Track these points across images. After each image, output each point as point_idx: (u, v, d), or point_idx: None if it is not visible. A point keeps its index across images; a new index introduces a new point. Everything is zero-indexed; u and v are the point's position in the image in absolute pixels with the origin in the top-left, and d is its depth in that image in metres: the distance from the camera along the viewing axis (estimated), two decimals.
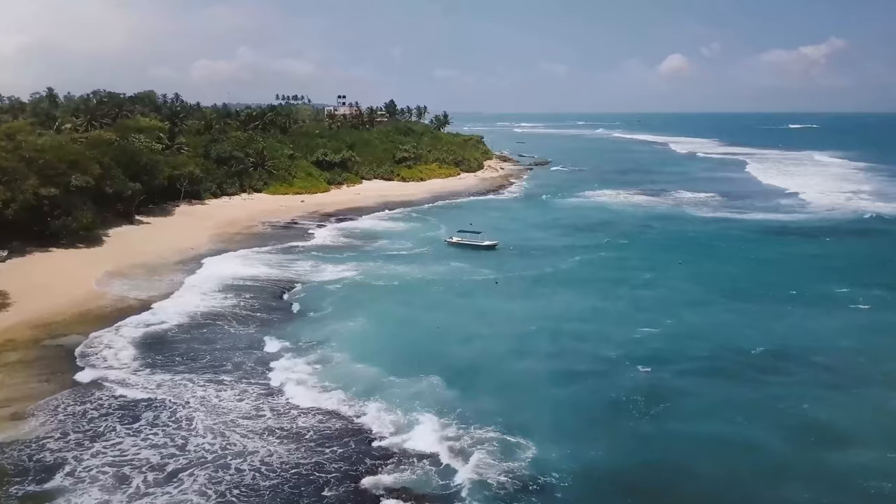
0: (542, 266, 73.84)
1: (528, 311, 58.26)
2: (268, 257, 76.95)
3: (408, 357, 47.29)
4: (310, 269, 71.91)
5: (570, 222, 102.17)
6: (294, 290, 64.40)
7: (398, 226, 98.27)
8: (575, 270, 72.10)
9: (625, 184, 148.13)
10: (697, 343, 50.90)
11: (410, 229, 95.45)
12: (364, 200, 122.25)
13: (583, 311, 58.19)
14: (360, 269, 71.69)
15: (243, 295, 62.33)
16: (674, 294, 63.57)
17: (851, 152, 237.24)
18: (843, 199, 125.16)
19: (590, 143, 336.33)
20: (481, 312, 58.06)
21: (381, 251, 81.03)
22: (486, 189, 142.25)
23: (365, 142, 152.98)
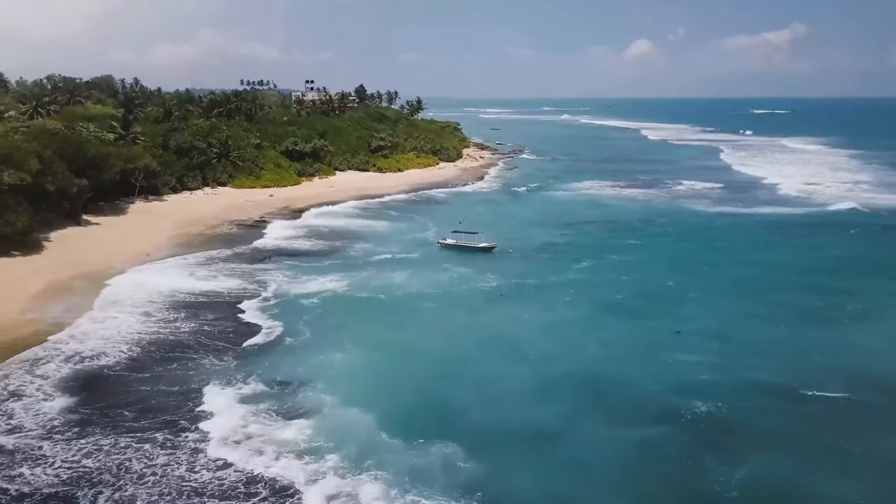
0: (548, 273, 65.37)
1: (547, 334, 49.62)
2: (233, 266, 67.17)
3: (409, 407, 38.18)
4: (283, 279, 62.53)
5: (567, 218, 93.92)
6: (264, 306, 55.02)
7: (380, 224, 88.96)
8: (587, 279, 63.70)
9: (610, 174, 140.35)
10: (761, 375, 42.84)
11: (395, 229, 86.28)
12: (339, 194, 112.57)
13: (611, 336, 49.57)
14: (343, 279, 62.50)
15: (202, 315, 52.77)
16: (709, 308, 55.61)
17: (832, 138, 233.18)
18: (844, 190, 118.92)
19: (563, 129, 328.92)
20: (492, 337, 49.19)
21: (365, 256, 71.82)
22: (468, 181, 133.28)
23: (337, 129, 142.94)
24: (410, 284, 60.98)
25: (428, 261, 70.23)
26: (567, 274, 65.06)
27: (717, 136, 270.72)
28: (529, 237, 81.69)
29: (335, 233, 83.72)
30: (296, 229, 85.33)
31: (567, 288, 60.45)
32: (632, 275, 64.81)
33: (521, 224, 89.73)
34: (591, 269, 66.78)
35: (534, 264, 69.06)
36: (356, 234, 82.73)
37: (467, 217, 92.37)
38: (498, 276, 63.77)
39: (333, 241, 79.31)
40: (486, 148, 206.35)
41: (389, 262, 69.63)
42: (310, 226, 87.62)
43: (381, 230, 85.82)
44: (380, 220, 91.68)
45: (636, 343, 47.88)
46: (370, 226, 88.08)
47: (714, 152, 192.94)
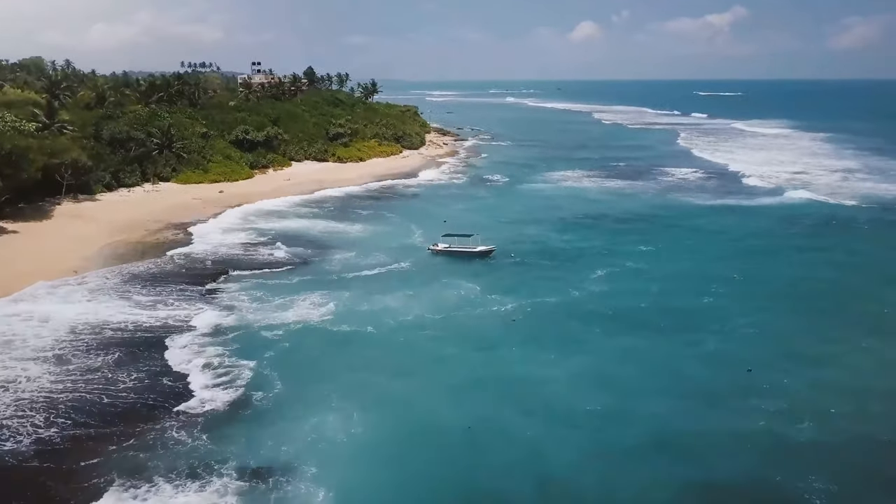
0: (563, 287, 55.51)
1: (587, 382, 39.54)
2: (180, 286, 55.48)
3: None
4: (244, 304, 51.38)
5: (557, 215, 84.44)
6: (221, 345, 43.91)
7: (355, 228, 77.66)
8: (612, 295, 53.97)
9: (583, 163, 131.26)
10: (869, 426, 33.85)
11: (374, 233, 75.27)
12: (299, 189, 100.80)
13: (667, 380, 39.83)
14: (320, 303, 51.59)
15: (139, 359, 41.50)
16: (767, 331, 46.66)
17: (795, 121, 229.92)
18: (839, 178, 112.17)
19: (518, 113, 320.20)
20: (519, 389, 38.65)
21: (344, 270, 60.85)
22: (436, 170, 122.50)
23: (292, 115, 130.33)
24: (405, 310, 50.30)
25: (421, 274, 59.66)
26: (585, 288, 55.31)
27: (675, 119, 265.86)
28: (526, 239, 71.81)
29: (303, 238, 72.36)
30: (255, 234, 73.64)
31: (592, 309, 50.69)
32: (661, 288, 55.50)
33: (511, 223, 79.73)
34: (610, 281, 57.20)
35: (542, 274, 59.20)
36: (329, 240, 71.60)
37: (450, 216, 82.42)
38: (506, 293, 53.68)
39: (303, 248, 68.02)
40: (446, 133, 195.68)
41: (375, 277, 58.86)
42: (271, 229, 75.94)
43: (358, 234, 74.77)
44: (354, 222, 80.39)
45: (704, 391, 38.28)
46: (344, 230, 76.80)
47: (679, 137, 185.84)
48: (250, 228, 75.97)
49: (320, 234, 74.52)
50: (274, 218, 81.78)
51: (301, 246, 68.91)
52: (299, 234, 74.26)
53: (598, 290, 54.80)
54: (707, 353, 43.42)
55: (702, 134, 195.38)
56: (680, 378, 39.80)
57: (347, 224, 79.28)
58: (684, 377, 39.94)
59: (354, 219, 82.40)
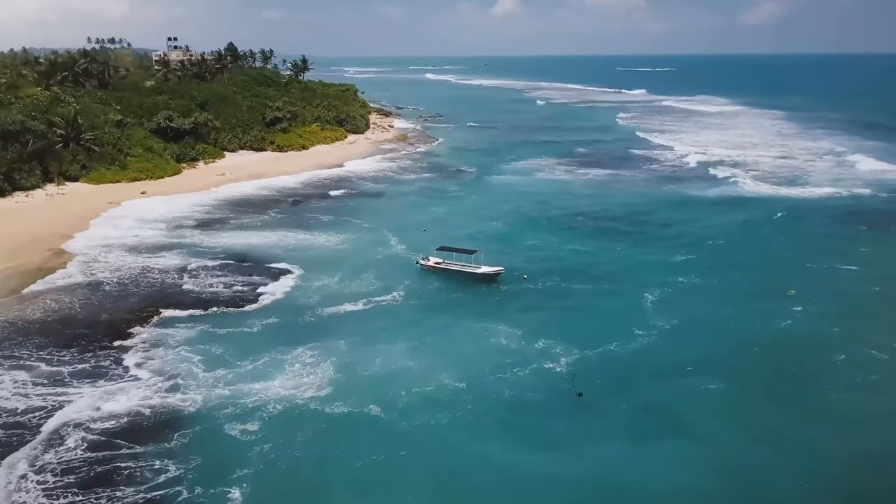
0: (615, 322, 43.29)
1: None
2: (93, 343, 40.77)
3: None
4: (194, 373, 37.12)
5: (551, 214, 72.58)
6: (169, 455, 29.84)
7: (319, 240, 63.19)
8: (685, 330, 42.16)
9: (548, 149, 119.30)
10: None
11: (343, 245, 61.27)
12: (236, 187, 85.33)
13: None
14: (302, 367, 37.81)
15: None
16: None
17: (742, 97, 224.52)
18: (833, 165, 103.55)
19: (454, 91, 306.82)
20: None
21: (321, 304, 47.07)
22: (393, 161, 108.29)
23: (221, 98, 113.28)
24: (416, 373, 36.96)
25: (421, 308, 46.51)
26: (646, 324, 43.06)
27: (615, 97, 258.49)
28: (532, 251, 59.18)
29: (256, 255, 57.79)
30: (191, 252, 58.60)
31: (676, 360, 38.52)
32: (737, 312, 43.91)
33: (502, 229, 66.93)
34: (672, 308, 45.27)
35: (579, 306, 46.72)
36: (290, 256, 57.29)
37: (428, 221, 69.23)
38: (543, 337, 40.98)
39: (258, 270, 53.60)
40: (388, 113, 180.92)
41: (363, 315, 45.19)
42: (213, 244, 60.98)
43: (326, 247, 60.64)
44: (315, 230, 65.93)
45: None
46: (306, 242, 62.42)
47: (632, 117, 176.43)
48: (185, 244, 60.67)
49: (277, 248, 60.01)
50: (214, 228, 66.57)
51: (255, 266, 54.46)
52: (250, 248, 59.58)
53: (666, 327, 42.72)
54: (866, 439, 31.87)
55: (654, 113, 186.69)
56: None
57: (308, 234, 64.90)
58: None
59: (315, 226, 68.01)
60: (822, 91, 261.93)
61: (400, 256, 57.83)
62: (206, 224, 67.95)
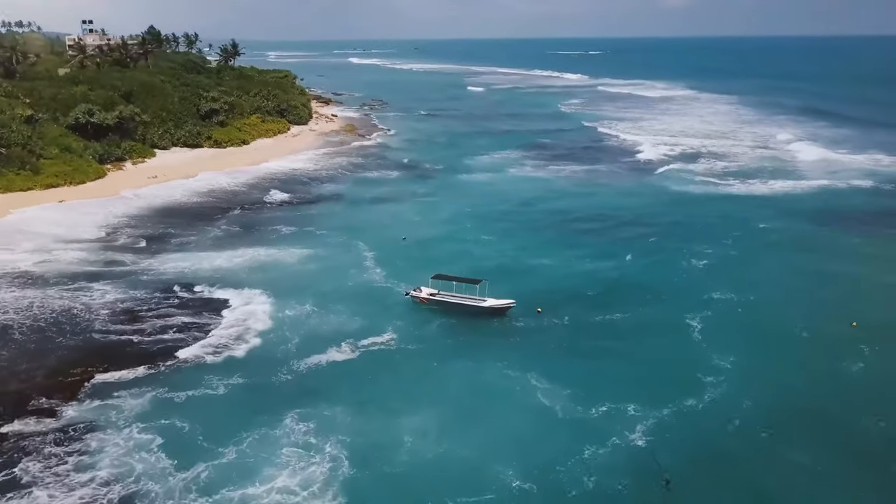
0: (675, 374, 35.47)
1: None
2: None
3: None
4: (164, 496, 27.40)
5: (542, 220, 64.80)
6: None
7: (281, 255, 53.19)
8: (763, 374, 34.42)
9: (512, 141, 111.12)
10: None
11: (310, 265, 51.53)
12: (173, 192, 74.19)
13: None
14: (288, 457, 28.76)
15: None
16: None
17: (687, 81, 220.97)
18: (830, 155, 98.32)
19: (392, 75, 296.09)
20: None
21: (299, 354, 37.57)
22: (346, 156, 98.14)
23: (148, 88, 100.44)
24: (457, 465, 28.37)
25: (422, 358, 37.65)
26: (711, 366, 35.27)
27: (559, 81, 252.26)
28: (537, 270, 50.83)
29: (207, 280, 47.50)
30: (128, 283, 47.94)
31: (763, 426, 30.79)
32: (810, 355, 36.63)
33: (494, 241, 58.24)
34: (734, 346, 37.54)
35: (621, 347, 38.58)
36: (250, 279, 47.41)
37: (405, 230, 60.01)
38: (600, 395, 32.91)
39: (213, 310, 43.57)
40: (328, 101, 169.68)
41: (351, 371, 36.04)
42: (155, 269, 50.46)
43: (290, 267, 50.75)
44: (274, 246, 55.76)
45: None
46: (266, 260, 52.43)
47: (587, 104, 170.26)
48: (118, 272, 49.90)
49: (233, 270, 50.04)
50: (152, 247, 55.77)
51: (209, 297, 44.48)
52: (200, 273, 49.34)
53: (728, 366, 35.27)
54: None
55: (604, 99, 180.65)
56: None
57: (267, 250, 54.96)
58: None
59: (275, 239, 58.02)
60: (758, 73, 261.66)
61: (379, 280, 48.69)
62: (143, 241, 57.06)
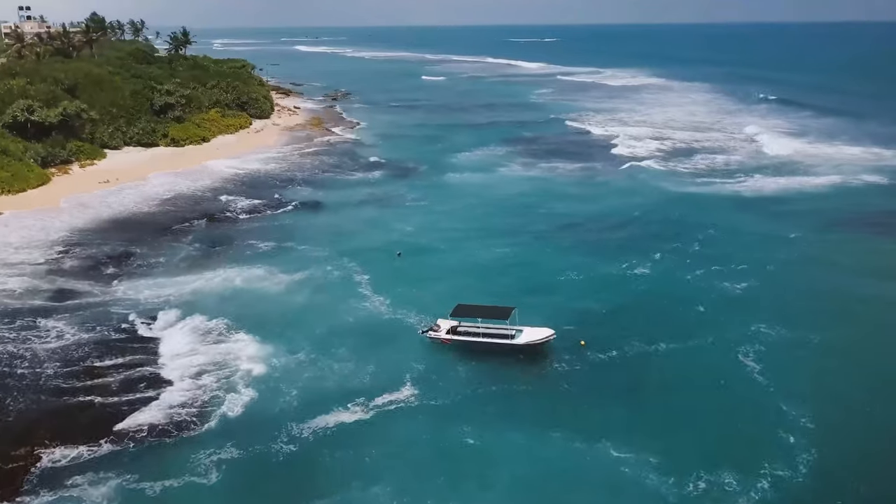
0: (776, 446, 29.24)
1: None
2: None
3: None
4: None
5: (550, 227, 58.50)
6: None
7: (260, 284, 45.55)
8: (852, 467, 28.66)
9: (492, 134, 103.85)
10: None
11: (293, 291, 44.21)
12: (128, 199, 66.26)
13: None
14: None
15: None
16: None
17: (652, 69, 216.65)
18: (801, 143, 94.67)
19: (350, 64, 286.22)
20: None
21: (292, 419, 30.50)
22: (316, 154, 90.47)
23: (95, 81, 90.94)
24: None
25: (456, 419, 30.54)
26: (798, 438, 29.34)
27: (521, 70, 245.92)
28: (563, 289, 44.36)
29: (172, 308, 39.93)
30: (81, 319, 40.20)
31: None
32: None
33: (504, 252, 51.70)
34: (814, 410, 31.61)
35: (692, 404, 32.24)
36: (225, 311, 39.93)
37: (398, 245, 53.12)
38: (688, 464, 26.64)
39: (179, 359, 36.13)
40: (288, 92, 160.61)
41: (365, 436, 29.36)
42: (110, 299, 42.73)
43: (274, 295, 43.60)
44: (252, 267, 48.16)
45: None
46: (244, 285, 45.02)
47: (553, 93, 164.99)
48: (70, 306, 42.05)
49: (207, 297, 42.64)
50: (107, 270, 47.91)
51: (180, 341, 37.01)
52: (164, 303, 41.65)
53: (842, 428, 29.16)
54: None
55: (575, 90, 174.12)
56: None
57: (244, 271, 47.67)
58: None
59: (251, 257, 50.69)
60: (718, 61, 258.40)
61: (382, 308, 41.86)
62: (98, 263, 49.10)
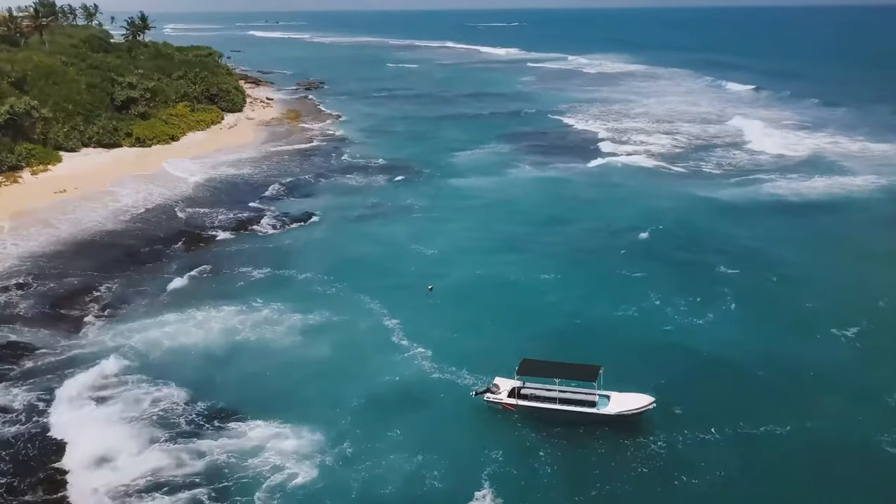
0: None
1: None
2: None
3: None
4: None
5: (594, 245, 50.69)
6: None
7: (261, 332, 36.71)
8: None
9: (489, 131, 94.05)
10: None
11: (303, 341, 35.58)
12: (88, 217, 56.50)
13: None
14: None
15: None
16: None
17: (634, 55, 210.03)
18: (822, 138, 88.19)
19: (315, 51, 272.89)
20: None
21: None
22: (298, 154, 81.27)
23: (46, 72, 79.95)
24: None
25: None
26: None
27: (495, 56, 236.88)
28: (635, 336, 36.48)
29: (158, 370, 31.19)
30: (36, 399, 31.20)
31: None
32: None
33: (556, 286, 43.55)
34: None
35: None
36: (221, 382, 31.32)
37: (423, 275, 44.83)
38: None
39: (187, 453, 27.53)
40: (257, 82, 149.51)
41: None
42: (74, 358, 33.64)
43: (281, 349, 34.96)
44: (248, 306, 39.27)
45: None
46: (242, 335, 36.27)
47: (538, 81, 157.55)
48: (26, 371, 32.94)
49: (194, 357, 33.98)
50: (71, 320, 38.75)
51: (179, 421, 28.42)
52: (150, 363, 32.82)
53: None
54: None
55: (559, 77, 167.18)
56: None
57: (236, 310, 38.76)
58: None
59: (245, 291, 42.06)
60: (697, 47, 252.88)
61: (426, 364, 33.58)
62: (56, 303, 39.83)
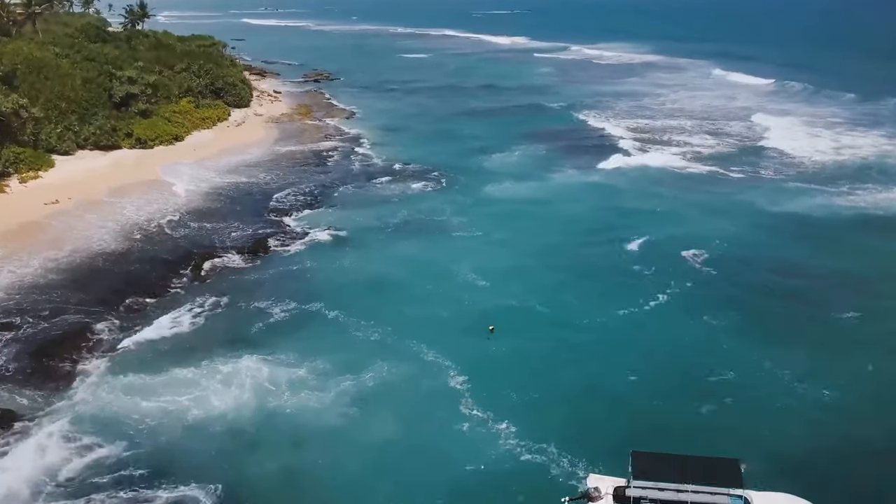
0: None
1: None
2: None
3: None
4: None
5: (678, 273, 44.07)
6: None
7: (286, 400, 29.96)
8: None
9: (514, 128, 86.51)
10: None
11: (340, 409, 28.98)
12: (85, 234, 49.55)
13: None
14: None
15: None
16: None
17: (651, 45, 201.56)
18: (880, 137, 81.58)
19: (319, 39, 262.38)
20: None
21: None
22: (313, 156, 74.40)
23: (37, 66, 72.69)
24: None
25: None
26: None
27: (505, 45, 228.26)
28: (759, 411, 30.03)
29: (175, 477, 24.64)
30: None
31: None
32: None
33: (648, 330, 37.01)
34: None
35: None
36: (235, 478, 24.73)
37: (478, 305, 38.10)
38: None
39: None
40: (263, 73, 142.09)
41: None
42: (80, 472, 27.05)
43: (314, 425, 28.33)
44: (269, 356, 32.53)
45: None
46: (266, 403, 29.66)
47: (555, 73, 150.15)
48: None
49: (202, 440, 27.25)
50: (64, 378, 32.18)
51: None
52: (167, 443, 26.37)
53: None
54: None
55: (579, 68, 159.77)
56: None
57: (259, 363, 32.19)
58: None
59: (266, 336, 35.44)
60: (707, 38, 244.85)
61: (511, 445, 27.23)
62: (38, 347, 33.16)
